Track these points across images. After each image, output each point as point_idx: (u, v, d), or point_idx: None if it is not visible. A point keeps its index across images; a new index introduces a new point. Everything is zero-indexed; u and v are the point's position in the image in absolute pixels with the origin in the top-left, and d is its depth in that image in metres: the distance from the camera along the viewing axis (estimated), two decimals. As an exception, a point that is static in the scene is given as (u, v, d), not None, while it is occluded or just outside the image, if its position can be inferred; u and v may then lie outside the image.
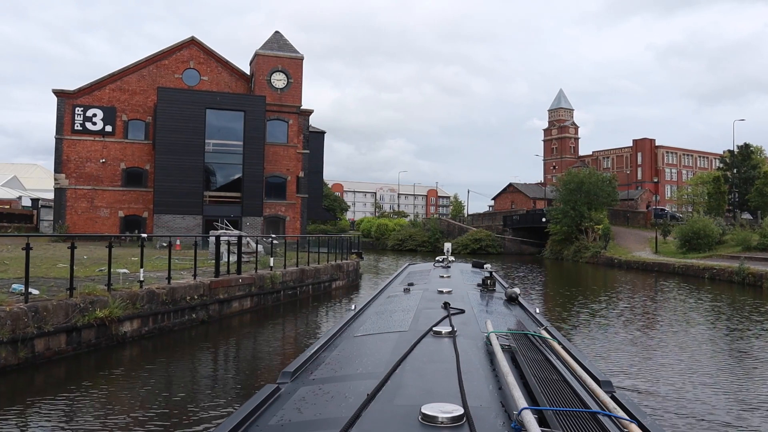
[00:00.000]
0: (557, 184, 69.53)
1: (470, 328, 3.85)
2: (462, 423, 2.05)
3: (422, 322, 4.00)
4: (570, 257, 55.40)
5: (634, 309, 21.20)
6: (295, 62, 41.27)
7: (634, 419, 2.30)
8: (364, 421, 2.12)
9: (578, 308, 20.73)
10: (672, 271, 38.73)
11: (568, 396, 2.49)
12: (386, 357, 3.10)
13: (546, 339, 3.73)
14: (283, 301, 19.95)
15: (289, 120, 41.25)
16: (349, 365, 3.16)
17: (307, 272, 21.95)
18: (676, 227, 50.29)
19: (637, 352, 13.37)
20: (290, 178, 41.35)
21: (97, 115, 39.47)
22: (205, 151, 38.04)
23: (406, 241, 75.63)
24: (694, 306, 22.05)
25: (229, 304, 16.55)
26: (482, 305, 5.12)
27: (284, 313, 19.12)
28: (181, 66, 41.39)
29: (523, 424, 1.91)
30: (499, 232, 72.19)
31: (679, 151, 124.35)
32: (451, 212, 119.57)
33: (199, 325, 15.01)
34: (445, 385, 2.52)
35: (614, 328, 16.73)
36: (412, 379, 2.65)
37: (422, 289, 5.86)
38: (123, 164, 39.99)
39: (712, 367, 12.02)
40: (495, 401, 2.38)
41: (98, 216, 39.39)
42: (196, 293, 14.89)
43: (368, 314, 4.89)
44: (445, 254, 9.78)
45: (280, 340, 15.38)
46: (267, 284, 18.59)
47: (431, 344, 3.31)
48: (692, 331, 16.47)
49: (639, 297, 25.60)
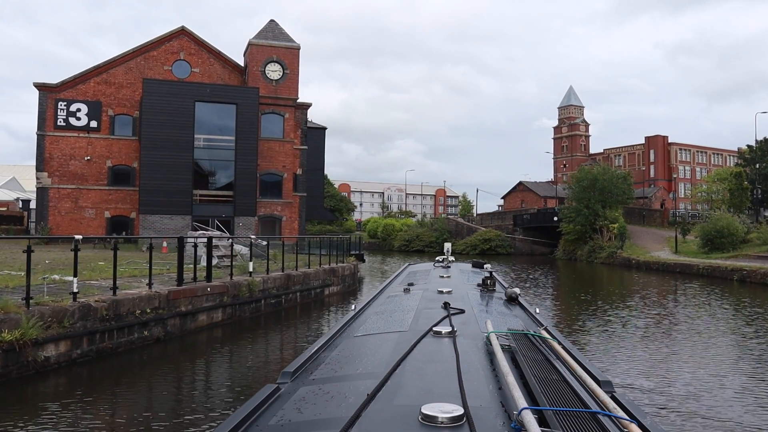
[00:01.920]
0: (569, 181, 67.10)
1: (470, 328, 3.85)
2: (462, 423, 2.05)
3: (422, 322, 4.01)
4: (584, 258, 53.05)
5: (669, 318, 18.53)
6: (291, 52, 38.73)
7: (634, 419, 2.29)
8: (364, 421, 2.12)
9: (601, 317, 18.12)
10: (696, 273, 36.20)
11: (568, 396, 2.49)
12: (386, 357, 3.11)
13: (546, 339, 3.71)
14: (264, 311, 17.46)
15: (285, 114, 38.69)
16: (349, 365, 3.16)
17: (294, 278, 19.44)
18: (697, 225, 47.71)
19: (694, 382, 10.75)
20: (287, 175, 38.76)
21: (81, 109, 37.12)
22: (195, 147, 35.51)
23: (413, 242, 73.68)
24: (733, 314, 19.37)
25: (194, 317, 14.07)
26: (482, 305, 5.09)
27: (265, 326, 16.64)
28: (170, 57, 38.96)
29: (523, 424, 1.91)
30: (509, 231, 69.88)
31: (693, 148, 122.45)
32: (460, 212, 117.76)
33: (153, 345, 12.54)
34: (445, 385, 2.52)
35: (655, 342, 14.14)
36: (412, 379, 2.66)
37: (422, 289, 5.81)
38: (109, 162, 37.62)
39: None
40: (495, 401, 2.38)
41: (83, 217, 37.05)
42: (149, 306, 12.41)
43: (368, 314, 4.88)
44: (445, 254, 9.59)
45: (253, 360, 12.86)
46: (243, 293, 16.10)
47: (431, 344, 3.32)
48: (750, 347, 13.83)
49: (669, 303, 22.87)
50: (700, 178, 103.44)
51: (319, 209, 49.36)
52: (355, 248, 38.45)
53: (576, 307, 21.14)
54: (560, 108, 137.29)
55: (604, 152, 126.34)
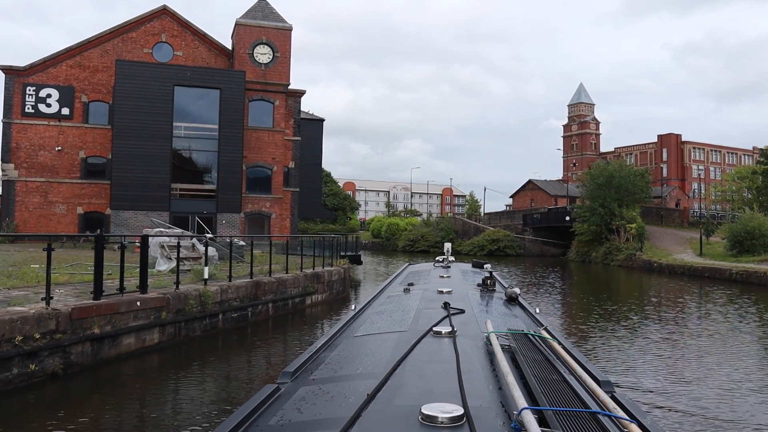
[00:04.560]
0: (583, 177, 63.59)
1: (470, 328, 3.80)
2: (462, 423, 2.02)
3: (422, 322, 3.95)
4: (599, 260, 49.58)
5: (729, 337, 14.99)
6: (283, 33, 35.25)
7: (634, 419, 2.27)
8: (364, 421, 2.10)
9: (643, 337, 14.62)
10: (728, 278, 32.72)
11: (568, 396, 2.47)
12: (386, 357, 3.07)
13: (546, 339, 3.67)
14: (222, 327, 14.02)
15: (275, 101, 35.20)
16: (349, 365, 3.12)
17: (264, 286, 15.99)
18: (724, 225, 44.11)
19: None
20: (276, 168, 35.25)
21: (52, 95, 33.79)
22: (174, 136, 32.06)
23: (417, 242, 70.41)
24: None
25: (115, 340, 10.64)
26: (482, 305, 5.02)
27: (223, 347, 13.23)
28: (151, 39, 35.56)
29: (523, 424, 1.89)
30: (519, 232, 66.39)
31: (707, 147, 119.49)
32: (467, 211, 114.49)
33: (45, 382, 9.14)
34: (445, 385, 2.50)
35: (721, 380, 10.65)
36: (412, 379, 2.63)
37: (422, 289, 5.73)
38: (82, 153, 34.28)
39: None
40: (495, 401, 2.36)
41: (53, 213, 33.73)
42: (40, 329, 9.02)
43: (368, 314, 4.80)
44: (445, 254, 9.46)
45: (201, 399, 9.41)
46: (192, 306, 12.67)
47: (431, 344, 3.28)
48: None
49: (715, 314, 19.27)
50: (714, 177, 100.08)
51: (316, 207, 45.98)
52: (352, 248, 35.09)
53: (605, 322, 17.60)
54: (570, 106, 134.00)
55: (615, 151, 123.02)
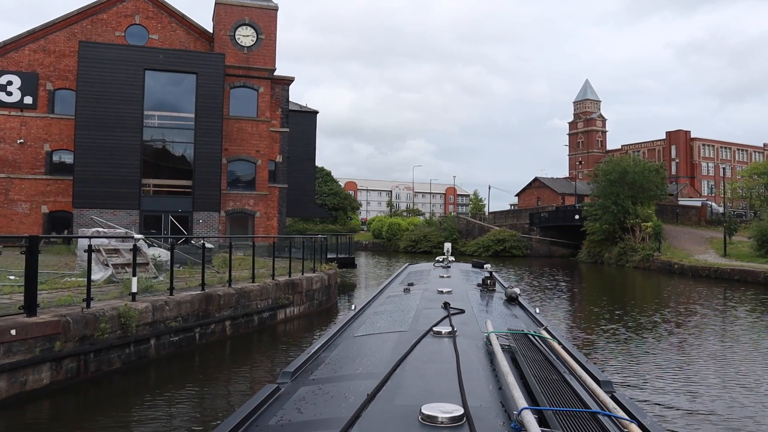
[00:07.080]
0: (593, 173, 60.32)
1: (470, 328, 3.79)
2: (462, 423, 2.02)
3: (422, 322, 3.94)
4: (613, 261, 46.34)
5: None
6: (268, 13, 31.98)
7: (634, 419, 2.27)
8: (364, 421, 2.09)
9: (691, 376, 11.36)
10: (762, 282, 29.36)
11: (568, 396, 2.47)
12: (386, 357, 3.06)
13: (546, 339, 3.68)
14: (155, 355, 10.76)
15: (260, 87, 31.91)
16: (349, 365, 3.11)
17: (218, 299, 12.72)
18: (752, 223, 40.83)
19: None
20: (261, 162, 31.94)
21: (13, 83, 30.59)
22: (145, 126, 28.74)
23: (420, 242, 67.39)
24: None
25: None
26: (482, 305, 5.00)
27: (157, 382, 9.97)
28: (123, 21, 32.34)
29: (523, 424, 1.89)
30: (525, 231, 63.14)
31: (716, 144, 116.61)
32: (471, 211, 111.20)
33: None
34: (445, 385, 2.49)
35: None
36: (412, 379, 2.63)
37: (422, 289, 5.73)
38: (47, 146, 31.10)
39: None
40: (495, 401, 2.35)
41: (14, 212, 30.56)
42: None
43: (368, 314, 4.79)
44: (444, 254, 9.42)
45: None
46: (104, 331, 9.42)
47: (431, 344, 3.27)
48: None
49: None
50: (723, 175, 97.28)
51: (309, 205, 42.75)
52: (345, 250, 31.83)
53: (639, 342, 14.30)
54: (575, 103, 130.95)
55: (623, 148, 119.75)
